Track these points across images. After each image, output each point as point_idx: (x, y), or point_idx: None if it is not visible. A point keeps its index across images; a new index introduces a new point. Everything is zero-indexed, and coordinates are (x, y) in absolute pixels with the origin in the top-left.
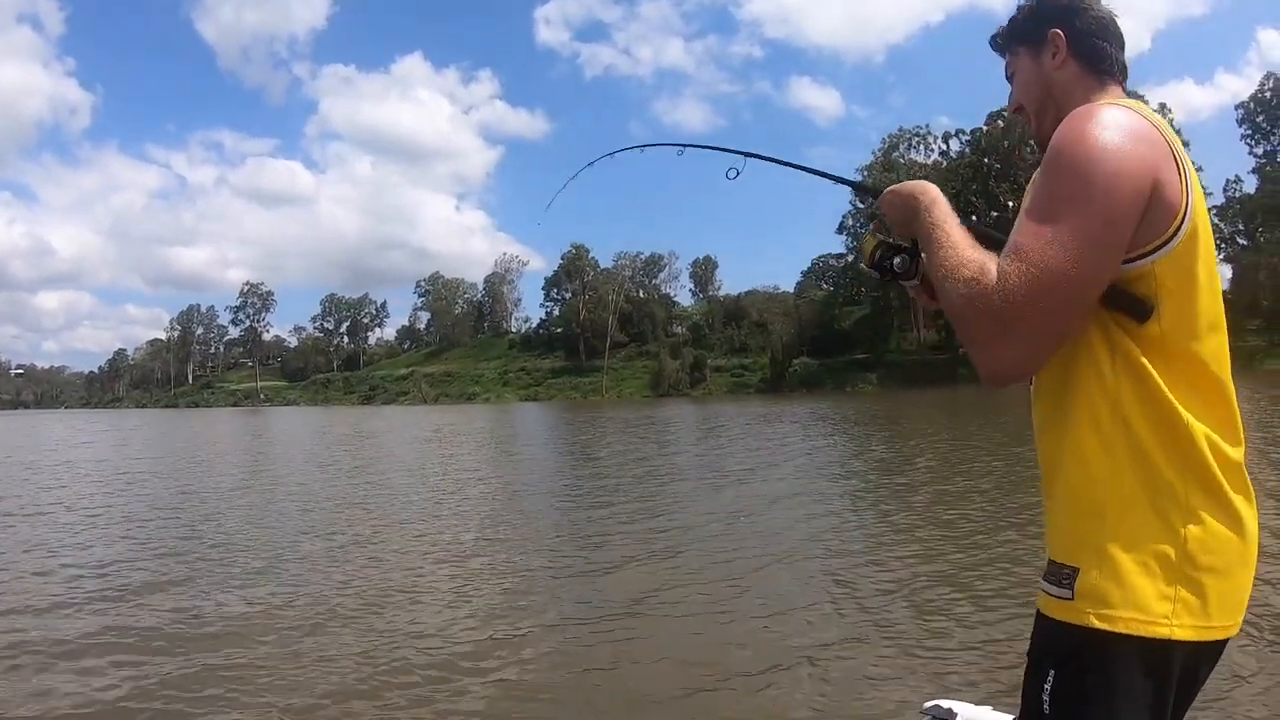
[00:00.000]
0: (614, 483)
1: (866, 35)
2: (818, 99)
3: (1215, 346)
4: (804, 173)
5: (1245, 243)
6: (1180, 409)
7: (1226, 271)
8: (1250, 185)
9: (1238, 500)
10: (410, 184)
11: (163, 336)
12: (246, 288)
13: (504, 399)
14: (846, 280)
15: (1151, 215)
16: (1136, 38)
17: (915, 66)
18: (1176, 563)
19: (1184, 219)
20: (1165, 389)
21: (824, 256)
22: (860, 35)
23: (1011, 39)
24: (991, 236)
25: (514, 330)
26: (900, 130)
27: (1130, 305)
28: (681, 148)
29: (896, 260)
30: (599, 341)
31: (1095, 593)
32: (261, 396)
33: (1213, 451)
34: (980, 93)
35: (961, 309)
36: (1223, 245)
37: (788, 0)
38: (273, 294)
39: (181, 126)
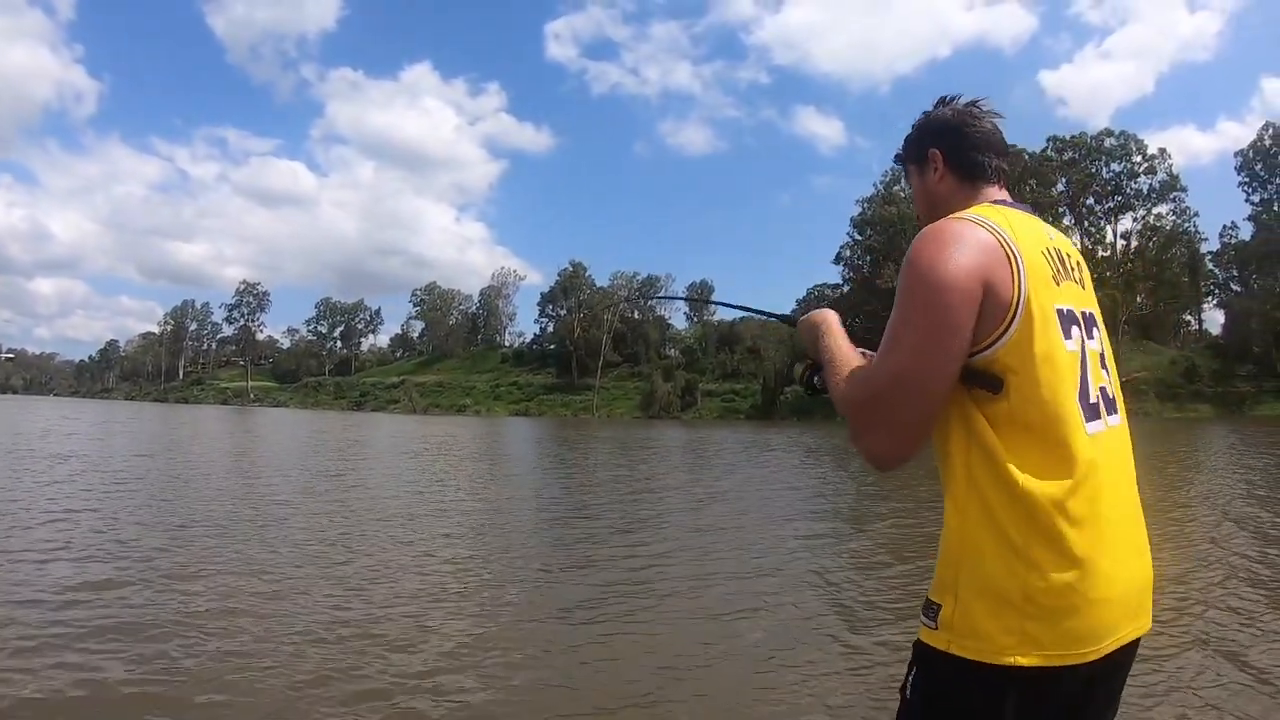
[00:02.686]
0: (609, 503)
1: (874, 66)
2: (821, 128)
3: (1057, 411)
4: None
5: (1239, 289)
6: (1018, 474)
7: (1219, 317)
8: (1246, 232)
9: (1082, 549)
10: (412, 192)
11: (155, 330)
12: (243, 286)
13: (494, 412)
14: (841, 310)
15: (988, 311)
16: (1139, 81)
17: (920, 100)
18: (1019, 604)
19: (1016, 310)
20: (1007, 458)
21: (820, 286)
22: (868, 66)
23: (904, 159)
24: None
25: (507, 344)
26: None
27: (985, 382)
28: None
29: (817, 378)
30: (592, 360)
31: (953, 625)
32: (251, 396)
33: (1055, 509)
34: None
35: (842, 409)
36: (1216, 290)
37: (797, 28)
38: (268, 294)
39: (187, 121)
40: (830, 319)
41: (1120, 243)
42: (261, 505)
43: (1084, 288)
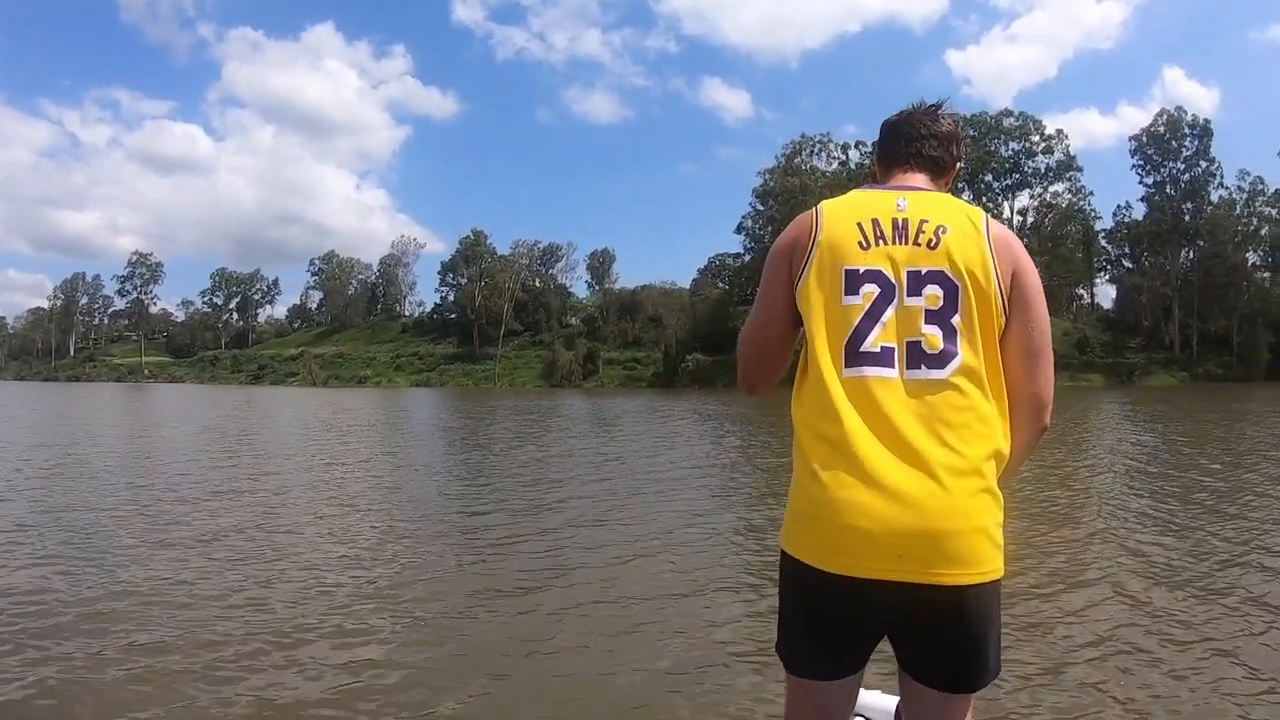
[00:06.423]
0: (515, 474)
1: (783, 39)
2: (728, 99)
3: (816, 352)
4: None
5: (1130, 266)
6: (794, 402)
7: (1111, 292)
8: (1139, 212)
9: (825, 472)
10: (312, 158)
11: (45, 305)
12: (135, 258)
13: (395, 383)
14: (741, 280)
15: (796, 262)
16: (1043, 65)
17: (828, 75)
18: (789, 505)
19: (807, 264)
20: (796, 388)
21: (721, 255)
22: (776, 39)
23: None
24: None
25: (407, 314)
26: (803, 137)
27: (800, 320)
28: None
29: None
30: (493, 329)
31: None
32: (146, 372)
33: (803, 429)
34: (889, 106)
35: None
36: (1108, 266)
37: None
38: (162, 265)
39: (77, 82)
40: None
41: (1017, 219)
42: (159, 505)
43: (933, 249)
